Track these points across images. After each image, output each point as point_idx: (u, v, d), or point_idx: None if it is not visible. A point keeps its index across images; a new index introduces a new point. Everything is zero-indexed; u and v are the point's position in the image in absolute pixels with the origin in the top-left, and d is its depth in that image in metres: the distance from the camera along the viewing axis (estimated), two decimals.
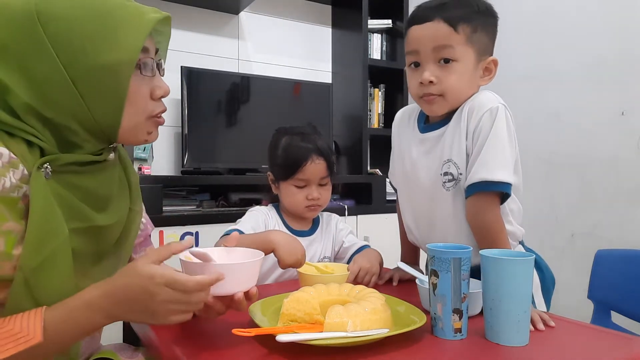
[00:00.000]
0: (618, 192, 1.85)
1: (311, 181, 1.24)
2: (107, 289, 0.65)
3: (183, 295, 0.64)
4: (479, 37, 0.95)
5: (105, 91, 0.68)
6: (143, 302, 0.63)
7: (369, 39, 2.71)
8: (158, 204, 1.92)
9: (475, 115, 0.95)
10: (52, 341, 0.62)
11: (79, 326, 0.65)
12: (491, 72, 1.00)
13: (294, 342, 0.66)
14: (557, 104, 2.06)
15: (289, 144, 1.26)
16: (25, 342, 0.60)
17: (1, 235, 0.63)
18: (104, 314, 0.65)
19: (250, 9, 2.57)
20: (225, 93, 2.34)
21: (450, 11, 0.93)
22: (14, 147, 0.65)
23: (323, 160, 1.24)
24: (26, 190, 0.65)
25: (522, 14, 2.24)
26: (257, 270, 0.75)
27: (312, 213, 1.28)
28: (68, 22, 0.65)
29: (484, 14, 0.97)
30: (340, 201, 2.45)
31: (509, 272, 0.72)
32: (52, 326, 0.62)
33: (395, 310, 0.80)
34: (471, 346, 0.73)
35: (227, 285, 0.70)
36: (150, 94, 0.75)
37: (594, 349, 0.74)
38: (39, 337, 0.60)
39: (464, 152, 0.96)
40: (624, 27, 1.85)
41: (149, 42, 0.73)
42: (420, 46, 0.96)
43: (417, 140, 1.06)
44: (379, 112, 2.78)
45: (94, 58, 0.66)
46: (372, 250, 1.24)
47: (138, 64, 0.71)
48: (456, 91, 0.96)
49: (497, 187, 0.92)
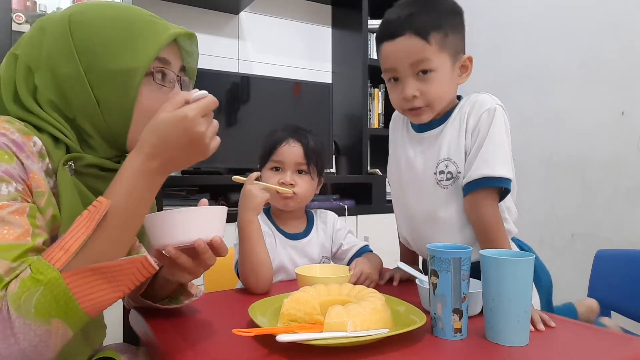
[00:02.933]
0: (618, 192, 1.85)
1: (286, 165, 1.20)
2: (146, 149, 0.66)
3: (210, 116, 0.68)
4: (451, 40, 0.96)
5: (116, 96, 0.71)
6: (188, 142, 0.66)
7: (369, 39, 2.71)
8: (158, 204, 1.92)
9: (474, 114, 0.98)
10: (121, 208, 0.64)
11: (139, 191, 0.66)
12: (467, 69, 1.01)
13: (294, 342, 0.66)
14: (557, 104, 2.06)
15: (271, 131, 1.26)
16: (98, 212, 0.61)
17: (50, 205, 0.67)
18: (155, 172, 0.66)
19: (250, 9, 2.57)
20: (225, 93, 2.34)
21: (418, 21, 0.94)
22: (45, 140, 0.69)
23: (299, 145, 1.20)
24: (51, 183, 0.69)
25: (522, 14, 2.24)
26: (217, 219, 0.74)
27: (285, 203, 1.21)
28: (93, 30, 0.71)
29: (451, 14, 0.98)
30: (340, 201, 2.45)
31: (509, 272, 0.72)
32: (116, 195, 0.64)
33: (395, 310, 0.80)
34: (471, 346, 0.73)
35: (186, 233, 0.70)
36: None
37: (594, 349, 0.74)
38: (106, 202, 0.62)
39: (463, 151, 0.98)
40: (624, 27, 1.85)
41: (172, 55, 0.77)
42: (395, 63, 0.97)
43: (414, 140, 1.07)
44: (379, 112, 2.78)
45: (109, 63, 0.70)
46: (373, 255, 1.22)
47: (152, 72, 0.73)
48: (440, 99, 0.98)
49: (498, 182, 0.94)
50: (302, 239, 1.26)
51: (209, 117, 0.68)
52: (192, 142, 0.66)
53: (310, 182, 1.23)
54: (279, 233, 1.25)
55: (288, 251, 1.23)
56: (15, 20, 1.65)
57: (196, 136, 0.66)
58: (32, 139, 0.67)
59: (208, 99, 0.67)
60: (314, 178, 1.24)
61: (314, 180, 1.25)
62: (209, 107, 0.67)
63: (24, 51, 0.73)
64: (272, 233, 1.24)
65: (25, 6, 1.74)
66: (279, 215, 1.27)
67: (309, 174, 1.22)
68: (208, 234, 0.72)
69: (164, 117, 0.65)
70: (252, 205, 1.09)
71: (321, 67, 2.83)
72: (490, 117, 0.95)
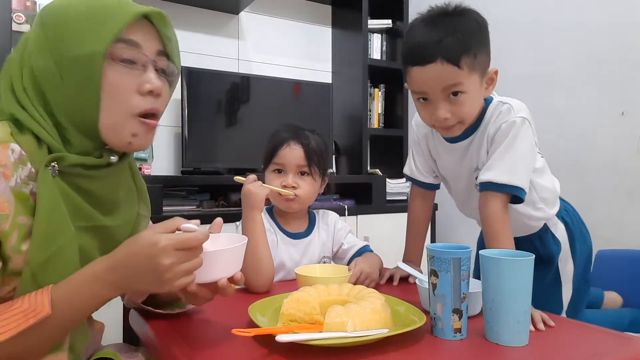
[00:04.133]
0: (618, 192, 1.85)
1: (288, 167, 1.21)
2: (111, 261, 0.65)
3: (187, 253, 0.64)
4: (480, 59, 0.96)
5: (82, 82, 0.69)
6: (148, 269, 0.64)
7: (369, 39, 2.71)
8: (158, 204, 1.91)
9: (495, 124, 1.02)
10: (61, 315, 0.63)
11: (87, 299, 0.66)
12: (493, 81, 1.03)
13: (293, 342, 0.66)
14: (557, 104, 2.06)
15: (274, 132, 1.26)
16: (35, 316, 0.61)
17: (15, 227, 0.64)
18: (110, 286, 0.65)
19: (250, 9, 2.57)
20: (225, 93, 2.34)
21: (448, 47, 0.92)
22: (23, 143, 0.67)
23: (300, 147, 1.20)
24: (33, 187, 0.67)
25: (522, 14, 2.24)
26: (240, 255, 0.74)
27: (288, 204, 1.22)
28: (61, 19, 0.70)
29: (477, 32, 0.97)
30: (340, 201, 2.45)
31: (509, 272, 0.72)
32: (60, 300, 0.63)
33: (395, 310, 0.80)
34: (471, 346, 0.73)
35: (211, 272, 0.70)
36: (138, 89, 0.72)
37: (594, 349, 0.74)
38: (47, 310, 0.61)
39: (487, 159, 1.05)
40: (624, 27, 1.85)
41: (143, 37, 0.72)
42: (426, 88, 0.97)
43: (447, 149, 1.14)
44: (379, 112, 2.78)
45: (75, 50, 0.68)
46: (373, 255, 1.23)
47: (116, 55, 0.70)
48: (471, 115, 1.02)
49: (502, 188, 0.99)
50: (304, 239, 1.26)
51: (186, 252, 0.64)
52: (153, 270, 0.63)
53: (313, 184, 1.23)
54: (281, 232, 1.25)
55: (289, 250, 1.24)
56: (15, 20, 1.65)
57: (158, 267, 0.63)
58: (9, 147, 0.65)
59: (190, 235, 0.65)
60: (317, 179, 1.24)
61: (317, 181, 1.25)
62: (188, 243, 0.64)
63: (18, 48, 0.73)
64: (274, 231, 1.25)
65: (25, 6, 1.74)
66: (282, 214, 1.28)
67: (310, 175, 1.23)
68: (230, 271, 0.73)
69: (143, 235, 0.65)
70: (254, 203, 1.11)
71: (321, 67, 2.83)
72: (508, 129, 1.00)
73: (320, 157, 1.23)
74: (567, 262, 1.21)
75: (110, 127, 0.72)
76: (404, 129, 2.70)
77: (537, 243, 1.21)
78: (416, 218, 1.28)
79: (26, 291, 0.65)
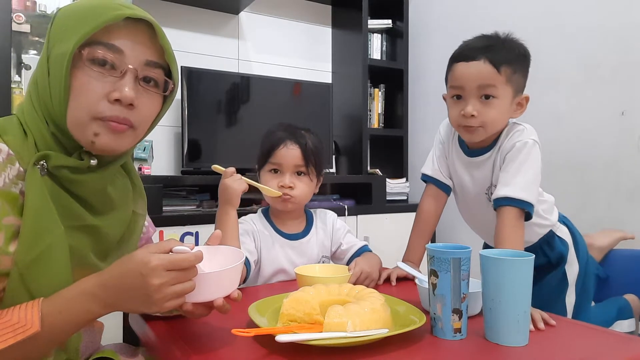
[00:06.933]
0: (618, 192, 1.85)
1: (284, 167, 1.20)
2: (102, 278, 0.65)
3: (179, 275, 0.64)
4: (517, 78, 1.07)
5: (56, 80, 0.69)
6: (138, 289, 0.63)
7: (369, 39, 2.71)
8: (158, 204, 1.92)
9: (510, 142, 1.10)
10: (50, 331, 0.63)
11: (76, 316, 0.65)
12: (522, 107, 1.12)
13: (293, 342, 0.66)
14: (557, 104, 2.06)
15: (269, 131, 1.26)
16: (24, 332, 0.60)
17: (1, 229, 0.64)
18: (100, 303, 0.65)
19: (250, 9, 2.57)
20: (225, 93, 2.34)
21: (495, 53, 1.04)
22: (10, 142, 0.67)
23: (297, 147, 1.20)
24: (22, 187, 0.67)
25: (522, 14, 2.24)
26: (237, 275, 0.73)
27: (284, 204, 1.21)
28: (62, 19, 0.71)
29: (522, 57, 1.09)
30: (340, 201, 2.45)
31: (509, 272, 0.72)
32: (50, 316, 0.63)
33: (395, 310, 0.80)
34: (471, 346, 0.73)
35: (205, 293, 0.69)
36: (107, 95, 0.70)
37: (594, 349, 0.74)
38: (37, 327, 0.61)
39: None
40: (624, 28, 1.85)
41: (129, 44, 0.71)
42: (465, 82, 1.06)
43: (463, 162, 1.21)
44: (379, 112, 2.78)
45: (56, 48, 0.69)
46: (373, 255, 1.22)
47: (90, 57, 0.69)
48: (494, 124, 1.09)
49: (515, 203, 1.04)
50: (302, 239, 1.25)
51: (177, 273, 0.64)
52: (141, 289, 0.63)
53: (309, 184, 1.23)
54: (277, 234, 1.24)
55: (287, 252, 1.23)
56: (15, 20, 1.64)
57: (148, 287, 0.62)
58: None
59: (182, 256, 0.64)
60: (313, 179, 1.24)
61: (313, 181, 1.25)
62: (179, 264, 0.64)
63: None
64: (269, 234, 1.23)
65: (25, 6, 1.74)
66: (278, 215, 1.26)
67: (307, 175, 1.22)
68: (226, 292, 0.71)
69: (136, 254, 0.64)
70: (228, 197, 1.12)
71: (321, 67, 2.83)
72: (522, 147, 1.08)
73: (317, 157, 1.23)
74: (573, 265, 1.26)
75: (73, 125, 0.70)
76: (404, 129, 2.70)
77: (546, 249, 1.25)
78: (424, 218, 1.28)
79: (14, 292, 0.65)
